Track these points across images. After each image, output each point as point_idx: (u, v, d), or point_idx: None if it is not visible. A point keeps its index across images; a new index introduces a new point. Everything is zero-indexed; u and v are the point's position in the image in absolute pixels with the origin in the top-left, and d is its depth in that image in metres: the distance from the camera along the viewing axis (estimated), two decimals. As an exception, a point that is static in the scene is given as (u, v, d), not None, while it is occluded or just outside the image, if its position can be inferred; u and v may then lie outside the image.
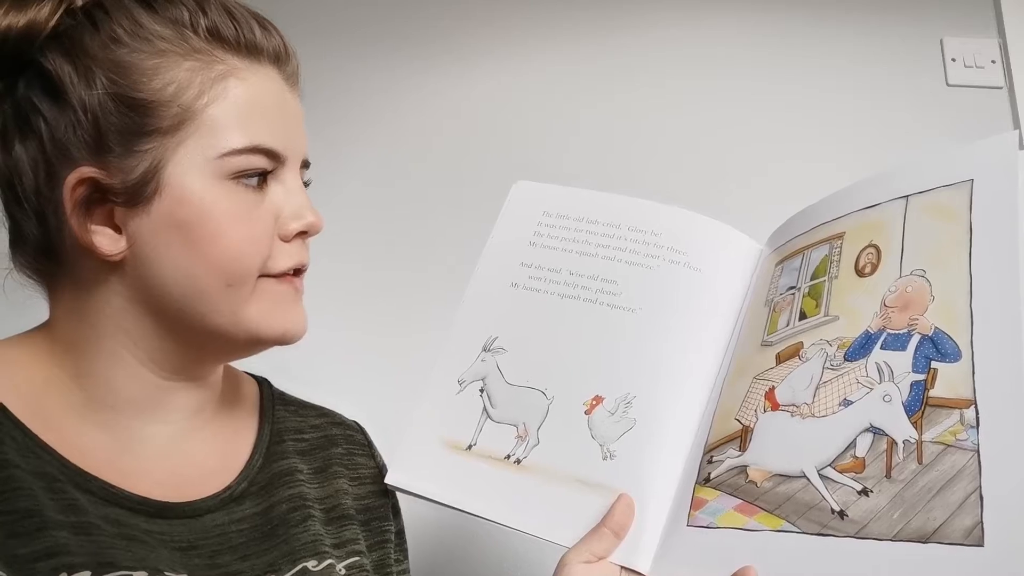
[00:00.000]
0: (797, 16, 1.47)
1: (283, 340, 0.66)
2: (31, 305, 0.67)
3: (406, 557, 0.83)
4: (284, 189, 0.65)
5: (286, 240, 0.65)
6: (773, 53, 1.45)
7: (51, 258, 0.64)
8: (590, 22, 1.45)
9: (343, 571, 0.68)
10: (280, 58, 0.66)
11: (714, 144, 1.39)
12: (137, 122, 0.60)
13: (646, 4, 1.46)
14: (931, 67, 1.46)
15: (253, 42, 0.64)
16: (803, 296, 0.68)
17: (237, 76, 0.62)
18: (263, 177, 0.63)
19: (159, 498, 0.62)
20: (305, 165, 0.69)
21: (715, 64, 1.44)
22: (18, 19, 0.59)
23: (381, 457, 0.82)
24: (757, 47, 1.45)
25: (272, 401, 0.77)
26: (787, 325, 0.68)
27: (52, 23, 0.60)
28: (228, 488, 0.67)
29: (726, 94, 1.42)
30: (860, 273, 0.65)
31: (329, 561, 0.67)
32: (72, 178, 0.59)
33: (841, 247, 0.68)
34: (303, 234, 0.67)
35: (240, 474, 0.69)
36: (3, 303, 0.65)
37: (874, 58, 1.45)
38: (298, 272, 0.67)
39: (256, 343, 0.66)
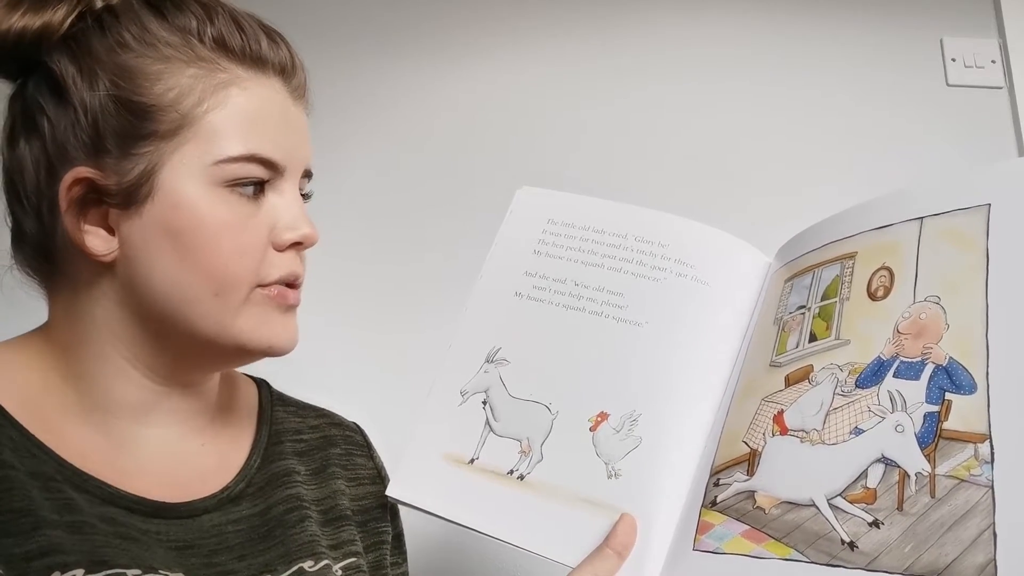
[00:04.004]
0: (797, 16, 1.47)
1: (269, 353, 0.66)
2: (35, 308, 0.67)
3: (405, 560, 0.83)
4: (281, 200, 0.65)
5: (279, 250, 0.65)
6: (773, 53, 1.44)
7: (47, 258, 0.64)
8: (592, 21, 1.43)
9: (339, 572, 0.69)
10: (286, 70, 0.66)
11: (713, 144, 1.39)
12: (136, 125, 0.60)
13: (646, 4, 1.45)
14: (931, 67, 1.47)
15: (258, 53, 0.64)
16: (813, 317, 0.67)
17: (239, 85, 0.63)
18: (260, 186, 0.64)
19: (156, 498, 0.62)
20: (307, 175, 0.70)
21: (714, 65, 1.43)
22: (34, 21, 0.60)
23: (380, 458, 0.82)
24: (756, 47, 1.45)
25: (271, 402, 0.78)
26: (797, 346, 0.67)
27: (66, 26, 0.61)
28: (226, 488, 0.67)
29: (726, 95, 1.42)
30: (872, 296, 0.64)
31: (325, 562, 0.68)
32: (68, 177, 0.60)
33: (853, 267, 0.67)
34: (297, 245, 0.67)
35: (238, 475, 0.69)
36: (6, 305, 0.65)
37: (874, 58, 1.45)
38: (292, 285, 0.67)
39: (243, 354, 0.66)
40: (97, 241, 0.61)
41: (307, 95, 0.69)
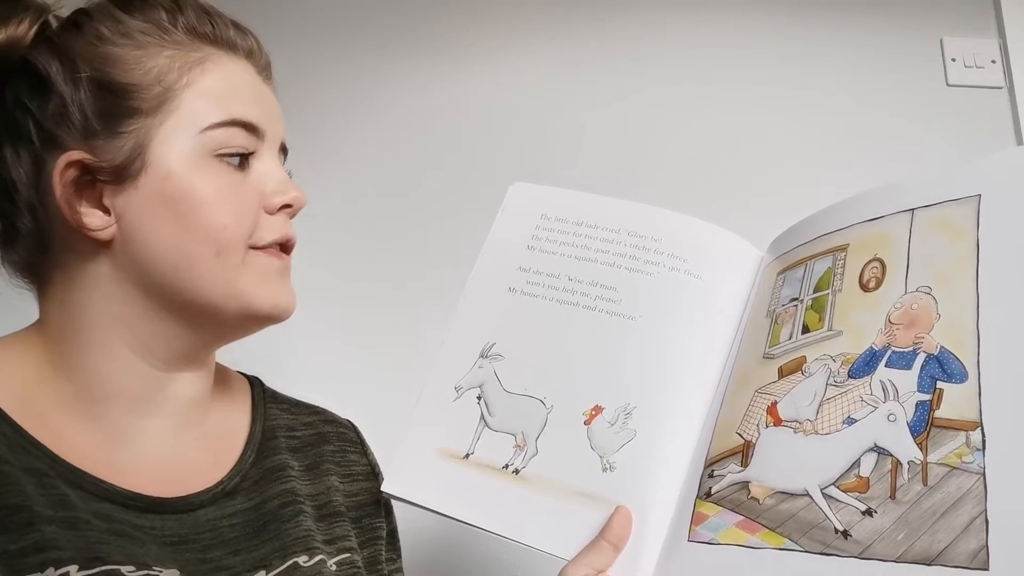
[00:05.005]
0: (797, 17, 1.47)
1: (273, 314, 0.68)
2: (27, 308, 0.68)
3: (399, 556, 0.83)
4: (265, 167, 0.68)
5: (271, 213, 0.68)
6: (773, 53, 1.44)
7: (42, 252, 0.65)
8: (591, 23, 1.44)
9: (334, 567, 0.69)
10: (253, 53, 0.70)
11: (713, 144, 1.39)
12: (120, 105, 0.63)
13: (645, 5, 1.45)
14: (931, 67, 1.46)
15: (228, 37, 0.68)
16: (806, 309, 0.68)
17: (214, 61, 0.66)
18: (244, 158, 0.66)
19: (151, 493, 0.63)
20: (283, 150, 0.72)
21: (714, 65, 1.43)
22: None
23: (373, 455, 0.83)
24: (756, 48, 1.45)
25: (264, 399, 0.79)
26: (790, 338, 0.67)
27: (30, 36, 0.64)
28: (220, 483, 0.68)
29: (725, 95, 1.42)
30: (864, 287, 0.64)
31: (320, 557, 0.68)
32: (61, 161, 0.62)
33: (845, 259, 0.67)
34: (287, 208, 0.69)
35: (232, 469, 0.70)
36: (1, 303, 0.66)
37: (874, 58, 1.45)
38: (285, 248, 0.69)
39: (248, 318, 0.67)
40: (94, 220, 0.63)
41: (272, 77, 0.73)
